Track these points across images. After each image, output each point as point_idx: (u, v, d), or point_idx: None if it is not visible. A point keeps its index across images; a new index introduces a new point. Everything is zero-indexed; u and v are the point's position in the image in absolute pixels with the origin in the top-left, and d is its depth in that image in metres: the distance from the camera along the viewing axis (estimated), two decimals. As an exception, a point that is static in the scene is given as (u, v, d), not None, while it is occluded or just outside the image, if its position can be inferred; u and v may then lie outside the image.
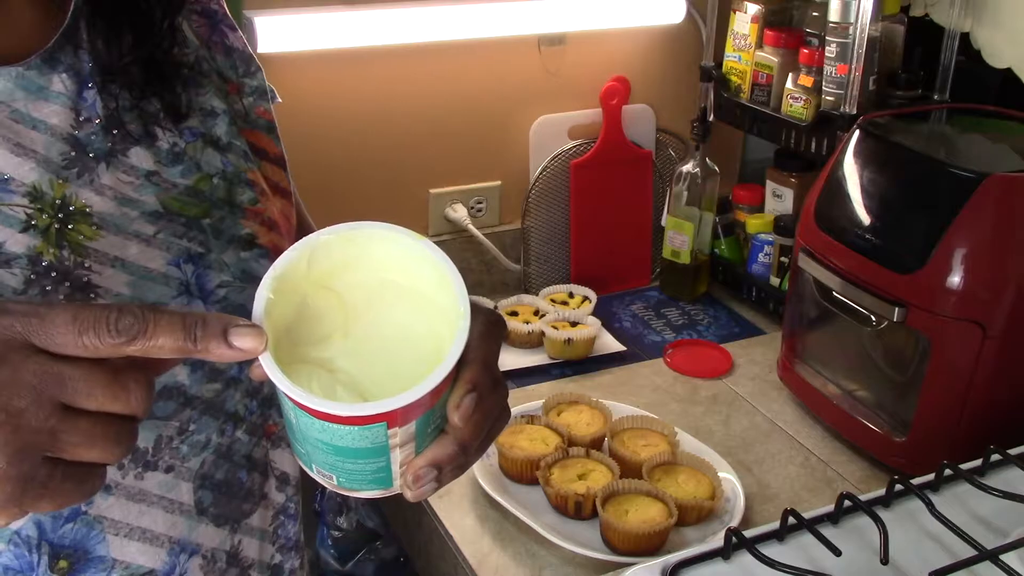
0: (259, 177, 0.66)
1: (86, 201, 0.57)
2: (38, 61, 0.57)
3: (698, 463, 1.13)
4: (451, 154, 1.54)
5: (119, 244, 0.58)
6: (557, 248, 1.64)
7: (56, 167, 0.56)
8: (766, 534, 0.81)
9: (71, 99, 0.58)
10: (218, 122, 0.65)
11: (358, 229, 0.52)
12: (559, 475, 1.09)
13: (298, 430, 0.53)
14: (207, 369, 0.60)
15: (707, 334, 1.52)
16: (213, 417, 0.62)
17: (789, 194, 1.55)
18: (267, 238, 0.65)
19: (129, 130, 0.60)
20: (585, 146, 1.60)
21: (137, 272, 0.58)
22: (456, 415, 0.52)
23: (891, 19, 1.39)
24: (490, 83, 1.53)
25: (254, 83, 0.69)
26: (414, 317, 0.53)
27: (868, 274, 1.12)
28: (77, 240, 0.56)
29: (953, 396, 1.08)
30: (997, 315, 1.04)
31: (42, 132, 0.56)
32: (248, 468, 0.66)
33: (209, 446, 0.62)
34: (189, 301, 0.59)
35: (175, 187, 0.61)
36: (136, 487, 0.59)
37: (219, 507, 0.64)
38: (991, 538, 0.79)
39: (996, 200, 1.03)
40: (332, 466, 0.53)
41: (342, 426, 0.50)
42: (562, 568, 1.02)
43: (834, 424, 1.25)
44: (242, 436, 0.65)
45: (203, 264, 0.61)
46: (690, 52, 1.63)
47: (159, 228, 0.59)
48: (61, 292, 0.55)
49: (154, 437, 0.59)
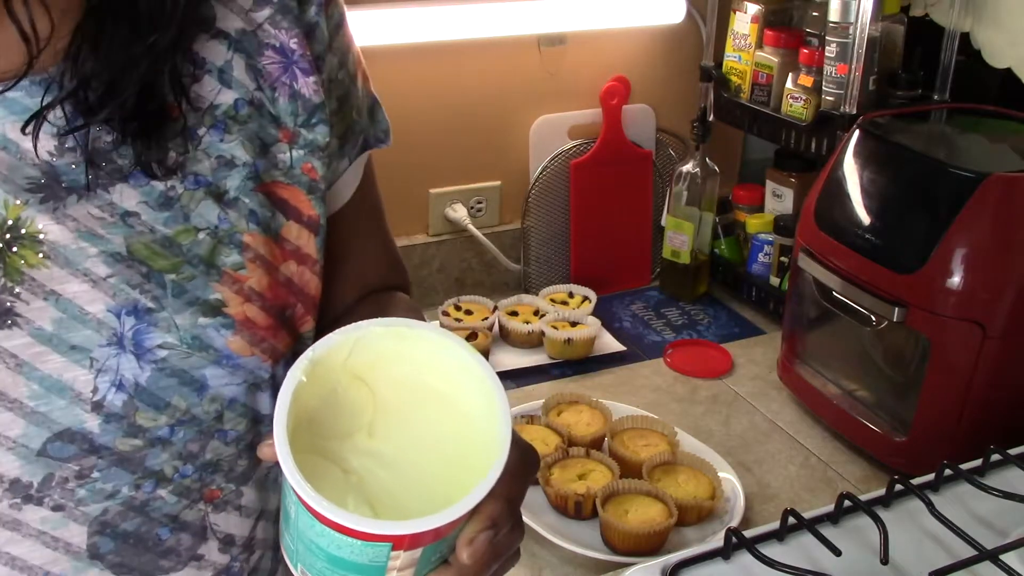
0: (257, 241, 0.61)
1: (42, 228, 0.55)
2: (28, 83, 0.55)
3: (698, 463, 1.13)
4: (451, 154, 1.54)
5: (61, 278, 0.55)
6: (557, 248, 1.64)
7: (16, 188, 0.54)
8: (766, 534, 0.81)
9: (57, 127, 0.55)
10: (232, 175, 0.60)
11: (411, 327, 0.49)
12: (559, 475, 1.09)
13: (295, 526, 0.50)
14: (125, 425, 0.57)
15: (707, 334, 1.52)
16: (127, 471, 0.58)
17: (789, 194, 1.55)
18: (238, 309, 0.59)
19: (119, 165, 0.57)
20: (585, 146, 1.60)
21: (70, 311, 0.55)
22: (466, 552, 0.50)
23: (891, 19, 1.39)
24: (490, 83, 1.53)
25: (311, 136, 0.64)
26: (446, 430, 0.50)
27: (868, 274, 1.12)
28: (15, 264, 0.54)
29: (953, 396, 1.08)
30: (997, 315, 1.04)
31: (11, 154, 0.55)
32: (173, 528, 0.61)
33: (117, 496, 0.58)
34: (117, 353, 0.56)
35: (151, 233, 0.57)
36: (9, 516, 0.56)
37: (123, 556, 0.60)
38: (991, 538, 0.79)
39: (996, 200, 1.03)
40: (320, 573, 0.51)
41: (345, 536, 0.47)
42: (562, 568, 1.02)
43: (834, 424, 1.25)
44: (167, 496, 0.60)
45: (148, 320, 0.57)
46: (690, 52, 1.63)
47: (113, 272, 0.56)
48: None
49: (43, 474, 0.56)
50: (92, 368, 0.55)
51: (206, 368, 0.58)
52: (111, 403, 0.56)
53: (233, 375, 0.59)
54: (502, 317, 1.44)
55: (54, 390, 0.55)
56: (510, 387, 1.36)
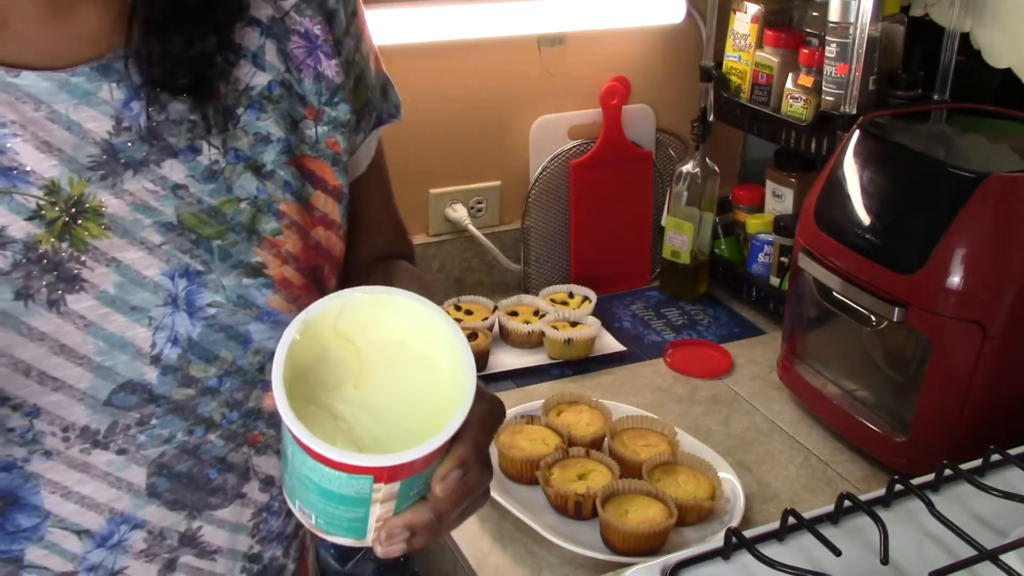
0: (292, 210, 0.68)
1: (103, 202, 0.61)
2: (86, 68, 0.61)
3: (698, 463, 1.13)
4: (451, 154, 1.54)
5: (120, 246, 0.61)
6: (557, 248, 1.64)
7: (80, 167, 0.60)
8: (766, 534, 0.81)
9: (115, 108, 0.61)
10: (268, 149, 0.67)
11: (390, 294, 0.57)
12: (559, 475, 1.09)
13: (291, 464, 0.56)
14: (179, 376, 0.63)
15: (707, 334, 1.52)
16: (181, 418, 0.65)
17: (789, 194, 1.55)
18: (277, 271, 0.66)
19: (170, 142, 0.63)
20: (585, 146, 1.60)
21: (129, 276, 0.62)
22: (439, 486, 0.56)
23: (891, 19, 1.39)
24: (490, 83, 1.53)
25: (334, 113, 0.71)
26: (423, 384, 0.57)
27: (868, 274, 1.12)
28: (80, 236, 0.60)
29: (953, 396, 1.08)
30: (997, 315, 1.04)
31: (74, 134, 0.60)
32: (220, 469, 0.68)
33: (172, 441, 0.65)
34: (172, 312, 0.62)
35: (199, 203, 0.64)
36: (80, 459, 0.63)
37: (177, 494, 0.67)
38: (991, 538, 0.79)
39: (996, 200, 1.03)
40: (313, 506, 0.56)
41: (332, 470, 0.53)
42: (562, 568, 1.02)
43: (834, 424, 1.25)
44: (215, 440, 0.67)
45: (198, 282, 0.63)
46: (690, 52, 1.63)
47: (166, 240, 0.63)
48: (45, 280, 0.59)
49: (109, 421, 0.62)
50: (150, 326, 0.62)
51: (250, 324, 0.65)
52: (167, 357, 0.63)
53: (273, 330, 0.65)
54: (502, 317, 1.44)
55: (118, 346, 0.61)
56: (510, 387, 1.36)
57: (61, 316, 0.60)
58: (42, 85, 0.60)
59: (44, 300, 0.59)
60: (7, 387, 0.59)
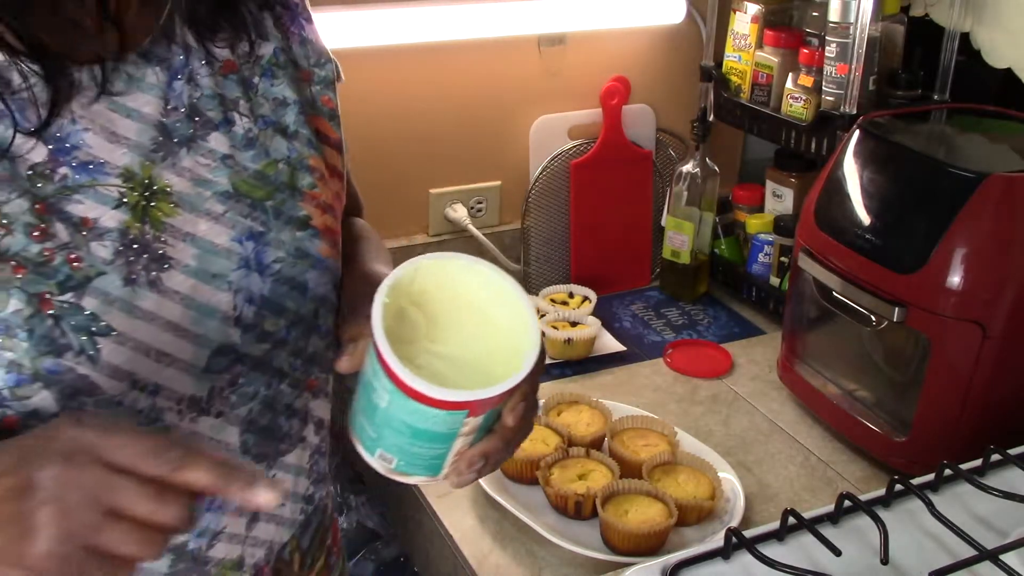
0: (320, 163, 0.73)
1: (167, 181, 0.64)
2: (133, 56, 0.64)
3: (698, 463, 1.13)
4: (451, 154, 1.54)
5: (191, 221, 0.65)
6: (557, 248, 1.64)
7: (145, 151, 0.64)
8: (766, 534, 0.81)
9: (162, 89, 0.65)
10: (288, 111, 0.72)
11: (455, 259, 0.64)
12: (559, 475, 1.09)
13: (382, 412, 0.62)
14: (257, 332, 0.68)
15: (707, 334, 1.52)
16: (261, 372, 0.69)
17: (789, 194, 1.55)
18: (321, 220, 0.72)
19: (210, 116, 0.67)
20: (585, 146, 1.60)
21: (204, 247, 0.65)
22: (511, 416, 0.64)
23: (891, 19, 1.39)
24: (490, 83, 1.53)
25: (323, 73, 0.76)
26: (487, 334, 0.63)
27: (868, 274, 1.12)
28: (157, 216, 0.64)
29: (953, 396, 1.08)
30: (997, 315, 1.04)
31: (135, 120, 0.64)
32: (288, 415, 0.73)
33: (256, 397, 0.70)
34: (247, 274, 0.67)
35: (245, 170, 0.68)
36: (190, 429, 0.66)
37: (261, 448, 0.72)
38: (991, 538, 0.79)
39: (996, 200, 1.03)
40: (399, 449, 0.63)
41: (432, 409, 0.59)
42: (562, 568, 1.02)
43: (834, 424, 1.25)
44: (285, 389, 0.72)
45: (262, 242, 0.68)
46: (690, 52, 1.63)
47: (227, 208, 0.67)
48: (141, 263, 0.63)
49: (208, 387, 0.67)
50: (230, 290, 0.66)
51: (307, 273, 0.70)
52: (246, 316, 0.67)
53: (323, 275, 0.71)
54: (502, 317, 1.44)
55: (208, 314, 0.65)
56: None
57: (161, 294, 0.63)
58: (82, 78, 0.62)
59: (145, 282, 0.63)
60: (136, 370, 0.62)
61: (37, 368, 0.59)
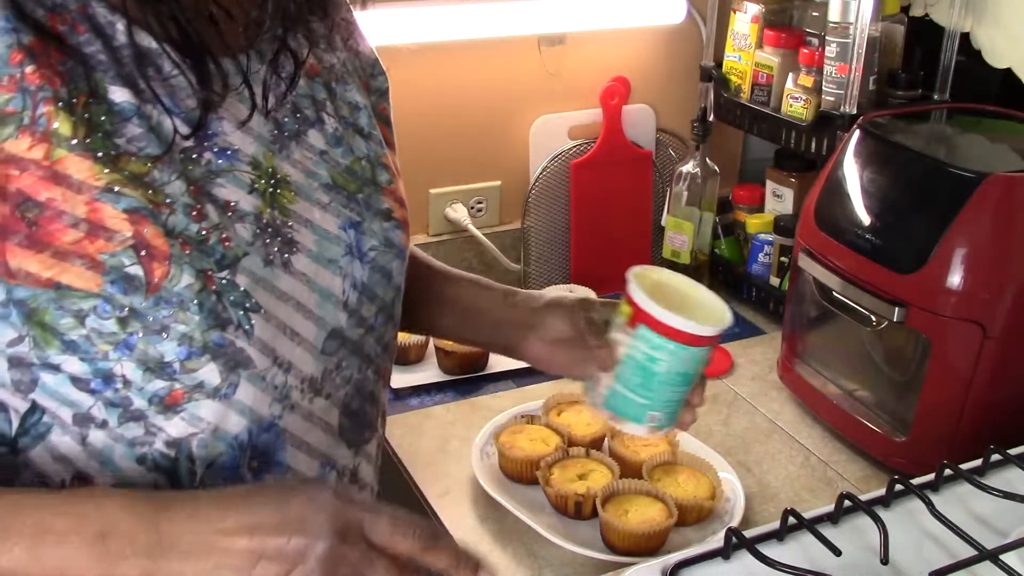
0: (391, 162, 0.79)
1: (286, 171, 0.68)
2: (252, 52, 0.68)
3: (698, 463, 1.13)
4: (451, 154, 1.54)
5: (307, 208, 0.69)
6: (557, 248, 1.64)
7: (266, 142, 0.68)
8: (766, 534, 0.81)
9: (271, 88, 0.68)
10: (361, 114, 0.77)
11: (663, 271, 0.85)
12: (559, 475, 1.09)
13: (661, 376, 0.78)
14: (357, 317, 0.72)
15: (707, 334, 1.52)
16: (357, 356, 0.73)
17: (789, 194, 1.55)
18: (400, 213, 0.77)
19: (307, 115, 0.72)
20: (585, 146, 1.60)
21: (320, 232, 0.69)
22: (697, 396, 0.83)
23: (891, 19, 1.39)
24: (490, 83, 1.53)
25: (376, 83, 0.82)
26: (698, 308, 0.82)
27: (868, 274, 1.12)
28: (282, 203, 0.68)
29: (953, 396, 1.08)
30: (997, 315, 1.04)
31: (257, 112, 0.67)
32: (370, 402, 0.77)
33: (352, 381, 0.74)
34: (351, 260, 0.71)
35: (339, 165, 0.73)
36: (307, 409, 0.70)
37: (352, 433, 0.75)
38: (991, 538, 0.80)
39: (996, 200, 1.03)
40: (667, 402, 0.80)
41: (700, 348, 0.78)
42: (562, 568, 1.02)
43: (834, 424, 1.25)
44: (371, 375, 0.76)
45: (360, 231, 0.73)
46: (690, 52, 1.63)
47: (331, 198, 0.71)
48: (275, 245, 0.66)
49: (322, 368, 0.70)
50: (340, 274, 0.70)
51: (393, 262, 0.75)
52: (351, 300, 0.71)
53: (402, 264, 0.77)
54: (502, 317, 1.44)
55: (326, 297, 0.69)
56: (510, 387, 1.36)
57: (292, 276, 0.67)
58: (229, 69, 0.66)
59: (280, 263, 0.66)
60: (277, 347, 0.66)
61: (206, 341, 0.62)
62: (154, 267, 0.60)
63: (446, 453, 1.21)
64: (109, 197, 0.59)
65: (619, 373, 0.79)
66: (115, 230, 0.59)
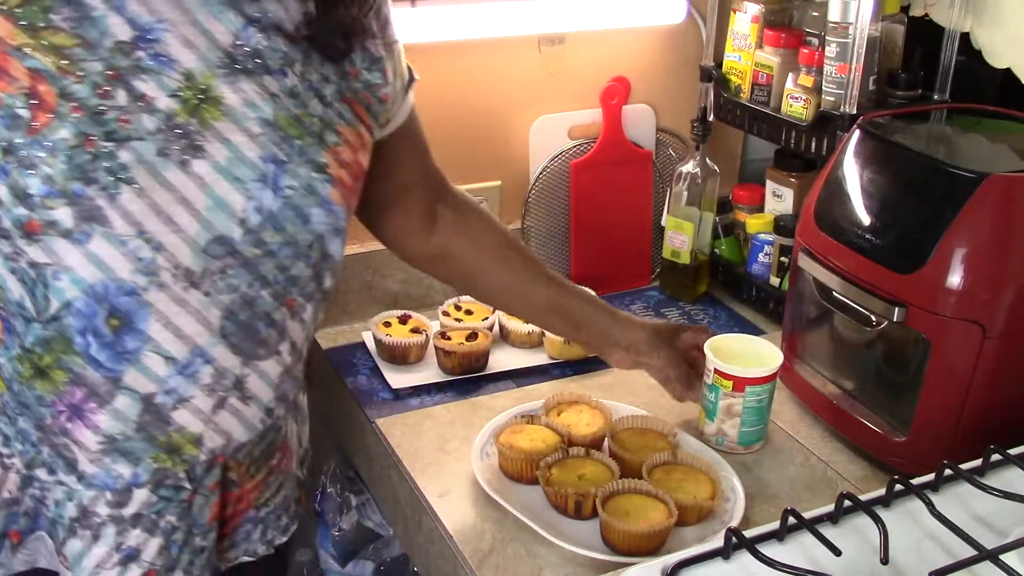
0: (347, 131, 0.87)
1: (222, 93, 0.78)
2: None
3: (698, 463, 1.13)
4: (451, 154, 1.53)
5: (232, 130, 0.78)
6: (557, 248, 1.64)
7: (211, 64, 0.78)
8: (766, 534, 0.81)
9: (236, 28, 0.79)
10: (328, 87, 0.86)
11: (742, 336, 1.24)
12: (559, 475, 1.09)
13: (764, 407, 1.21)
14: (255, 237, 0.80)
15: (707, 334, 1.52)
16: (248, 272, 0.81)
17: (789, 194, 1.55)
18: (337, 172, 0.85)
19: (269, 64, 0.81)
20: (585, 146, 1.60)
21: (236, 153, 0.78)
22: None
23: (891, 19, 1.39)
24: (490, 83, 1.53)
25: (369, 77, 0.91)
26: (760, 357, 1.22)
27: (868, 274, 1.12)
28: (205, 117, 0.77)
29: (953, 396, 1.08)
30: (997, 315, 1.04)
31: (208, 39, 0.78)
32: (266, 324, 0.85)
33: (238, 291, 0.82)
34: (263, 188, 0.80)
35: (287, 110, 0.81)
36: (179, 295, 0.79)
37: (238, 340, 0.84)
38: (991, 538, 0.79)
39: (996, 200, 1.03)
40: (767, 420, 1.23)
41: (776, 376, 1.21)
42: (562, 568, 1.02)
43: (834, 424, 1.25)
44: (266, 296, 0.84)
45: (282, 168, 0.81)
46: (690, 52, 1.63)
47: (264, 132, 0.80)
48: (178, 144, 0.76)
49: (202, 266, 0.79)
50: (245, 194, 0.79)
51: (313, 208, 0.83)
52: (250, 221, 0.80)
53: (327, 216, 0.84)
54: (502, 317, 1.44)
55: (220, 206, 0.78)
56: (510, 387, 1.36)
57: (186, 174, 0.76)
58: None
59: (176, 160, 0.76)
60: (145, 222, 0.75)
61: (67, 187, 0.73)
62: (39, 115, 0.72)
63: (446, 453, 1.21)
64: (17, 55, 0.72)
65: (743, 420, 1.18)
66: (16, 77, 0.72)
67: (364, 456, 1.34)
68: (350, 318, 1.51)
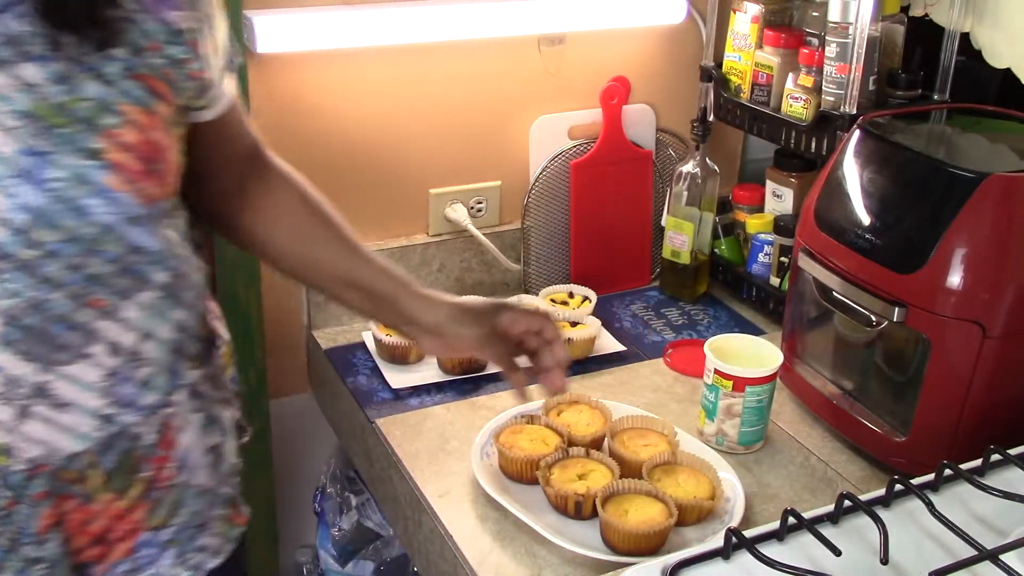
0: (132, 111, 0.80)
1: None
2: None
3: (698, 463, 1.13)
4: (451, 154, 1.54)
5: None
6: (557, 248, 1.64)
7: None
8: (766, 534, 0.81)
9: None
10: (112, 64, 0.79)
11: (743, 336, 1.27)
12: (559, 475, 1.09)
13: (764, 407, 1.22)
14: (26, 238, 0.75)
15: (707, 334, 1.52)
16: (27, 275, 0.77)
17: (789, 194, 1.55)
18: (116, 157, 0.78)
19: (29, 50, 0.75)
20: (585, 146, 1.60)
21: None
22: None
23: (891, 19, 1.39)
24: (490, 83, 1.53)
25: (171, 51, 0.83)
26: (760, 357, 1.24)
27: (868, 274, 1.12)
28: None
29: (953, 396, 1.08)
30: (997, 315, 1.04)
31: None
32: (65, 327, 0.79)
33: (20, 296, 0.77)
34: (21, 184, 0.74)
35: (47, 99, 0.76)
36: None
37: (28, 346, 0.78)
38: (991, 538, 0.80)
39: (996, 200, 1.03)
40: (767, 420, 1.25)
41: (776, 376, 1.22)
42: (562, 568, 1.02)
43: (834, 424, 1.25)
44: (58, 298, 0.78)
45: (45, 160, 0.75)
46: (690, 52, 1.63)
47: (22, 124, 0.75)
48: None
49: None
50: (5, 193, 0.74)
51: (88, 199, 0.77)
52: (16, 220, 0.75)
53: (109, 206, 0.78)
54: (502, 317, 1.44)
55: None
56: (510, 387, 1.35)
57: None
58: None
59: None
60: None
61: None
62: None
63: (446, 453, 1.21)
64: None
65: (743, 420, 1.20)
66: None
67: (364, 456, 1.34)
68: (350, 318, 1.51)
